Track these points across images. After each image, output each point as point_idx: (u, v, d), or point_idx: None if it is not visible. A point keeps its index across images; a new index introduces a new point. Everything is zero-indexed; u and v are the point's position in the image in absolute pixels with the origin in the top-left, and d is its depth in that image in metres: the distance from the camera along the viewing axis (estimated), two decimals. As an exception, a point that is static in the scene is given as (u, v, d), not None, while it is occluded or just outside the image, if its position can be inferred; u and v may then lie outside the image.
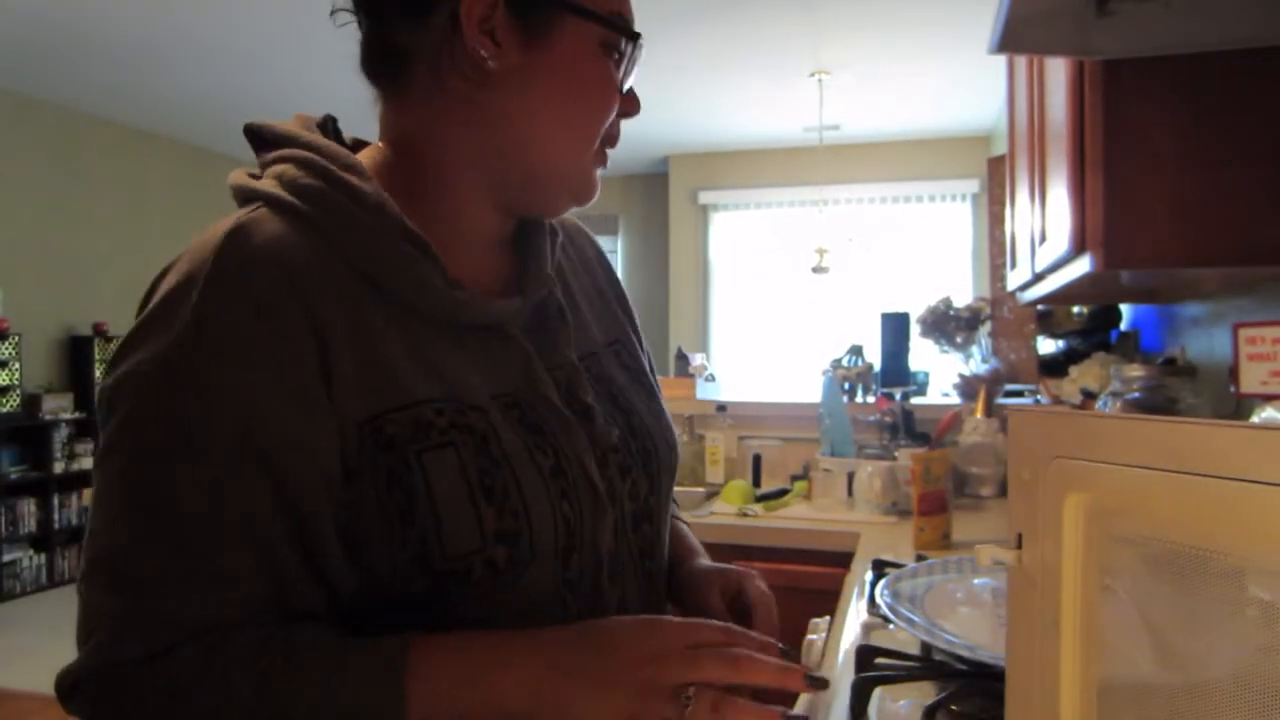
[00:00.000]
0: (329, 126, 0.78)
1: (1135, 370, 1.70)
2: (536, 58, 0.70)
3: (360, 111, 0.83)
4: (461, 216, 0.75)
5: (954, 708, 0.93)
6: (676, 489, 0.94)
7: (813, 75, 5.37)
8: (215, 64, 5.13)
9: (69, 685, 0.61)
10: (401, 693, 0.58)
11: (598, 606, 0.73)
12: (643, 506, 0.79)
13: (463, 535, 0.64)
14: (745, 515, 2.38)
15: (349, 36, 0.81)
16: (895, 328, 3.17)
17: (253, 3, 4.24)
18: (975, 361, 3.14)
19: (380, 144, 0.76)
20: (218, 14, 4.39)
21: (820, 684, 0.67)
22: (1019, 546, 0.58)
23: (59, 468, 5.65)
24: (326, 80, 5.37)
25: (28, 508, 5.51)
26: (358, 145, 0.80)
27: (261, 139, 0.75)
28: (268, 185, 0.69)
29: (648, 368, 0.90)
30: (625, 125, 0.79)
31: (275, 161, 0.71)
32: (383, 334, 0.66)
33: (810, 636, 1.51)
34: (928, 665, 1.05)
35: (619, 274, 1.05)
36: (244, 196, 0.71)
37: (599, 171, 0.77)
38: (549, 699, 0.60)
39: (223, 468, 0.60)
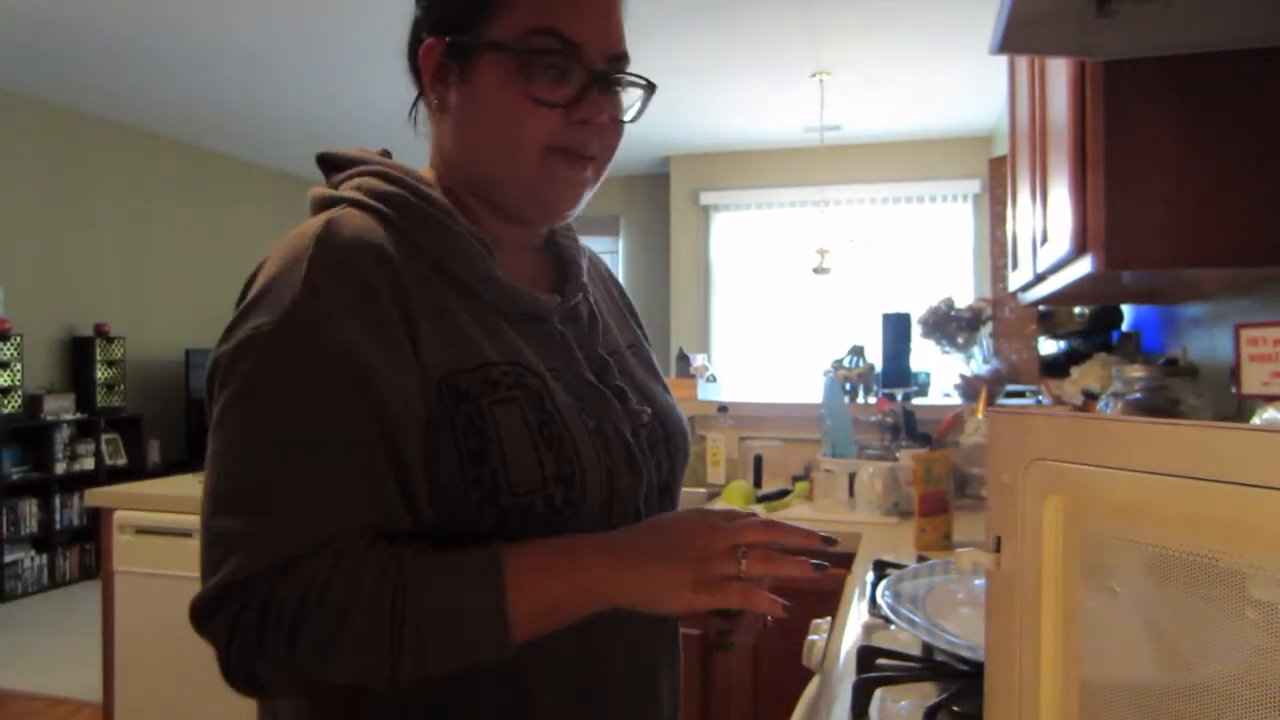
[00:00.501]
0: (384, 152, 0.92)
1: (1137, 371, 1.70)
2: (469, 93, 0.82)
3: (360, 112, 0.87)
4: (486, 226, 0.87)
5: (955, 708, 0.93)
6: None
7: (814, 75, 5.37)
8: (216, 65, 5.13)
9: (208, 604, 0.69)
10: (502, 581, 0.69)
11: None
12: (666, 480, 0.91)
13: (527, 474, 0.76)
14: (746, 516, 2.38)
15: (349, 39, 0.82)
16: (896, 328, 3.16)
17: (253, 4, 4.24)
18: (976, 362, 3.14)
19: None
20: (219, 15, 4.40)
21: (831, 541, 0.82)
22: (997, 549, 0.57)
23: (60, 468, 5.65)
24: (327, 81, 5.37)
25: (29, 508, 5.51)
26: None
27: (334, 164, 0.88)
28: (350, 193, 0.82)
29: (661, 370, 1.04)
30: (626, 125, 0.87)
31: (353, 176, 0.85)
32: (455, 310, 0.79)
33: (812, 637, 1.51)
34: (929, 666, 1.05)
35: (620, 275, 1.17)
36: (326, 203, 0.83)
37: (584, 178, 0.85)
38: (626, 572, 0.73)
39: (340, 407, 0.71)
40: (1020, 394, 2.80)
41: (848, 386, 3.06)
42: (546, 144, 0.81)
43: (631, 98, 0.87)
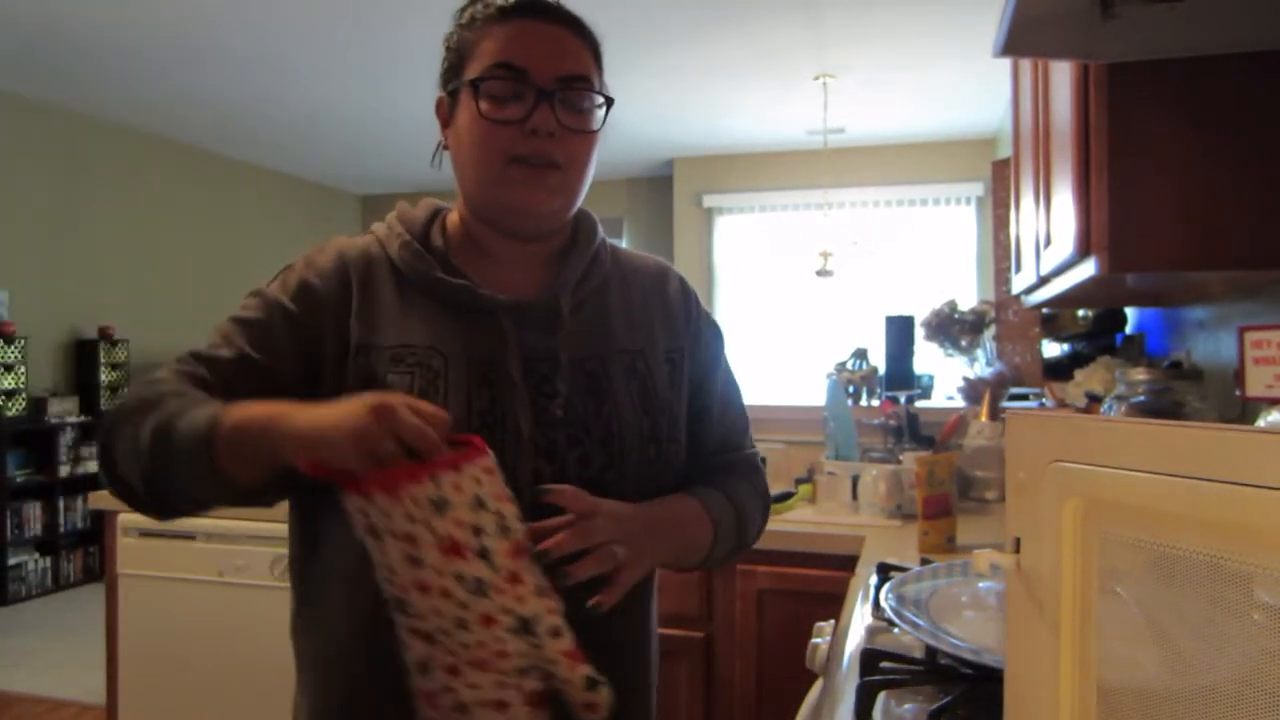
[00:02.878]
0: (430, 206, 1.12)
1: (1140, 374, 1.70)
2: (456, 130, 1.02)
3: (362, 113, 0.89)
4: (490, 245, 1.06)
5: (959, 712, 0.93)
6: None
7: (817, 78, 5.37)
8: (221, 68, 5.14)
9: None
10: (219, 411, 0.87)
11: None
12: (596, 477, 0.99)
13: None
14: (749, 519, 2.37)
15: (349, 41, 0.84)
16: (900, 331, 3.16)
17: (256, 7, 4.25)
18: (980, 365, 3.14)
19: None
20: (221, 19, 4.41)
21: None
22: (1016, 551, 0.57)
23: (64, 471, 5.66)
24: (328, 84, 5.38)
25: (33, 511, 5.52)
26: None
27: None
28: (380, 224, 1.09)
29: (674, 382, 1.11)
30: (629, 128, 0.98)
31: (395, 217, 1.09)
32: (397, 304, 1.00)
33: (815, 640, 1.50)
34: (933, 669, 1.05)
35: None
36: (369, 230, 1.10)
37: (549, 183, 0.99)
38: (306, 415, 0.84)
39: (265, 312, 0.99)
40: (1024, 397, 2.80)
41: (851, 389, 3.06)
42: (507, 155, 0.97)
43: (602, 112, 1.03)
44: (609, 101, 1.04)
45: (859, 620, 1.39)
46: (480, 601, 0.78)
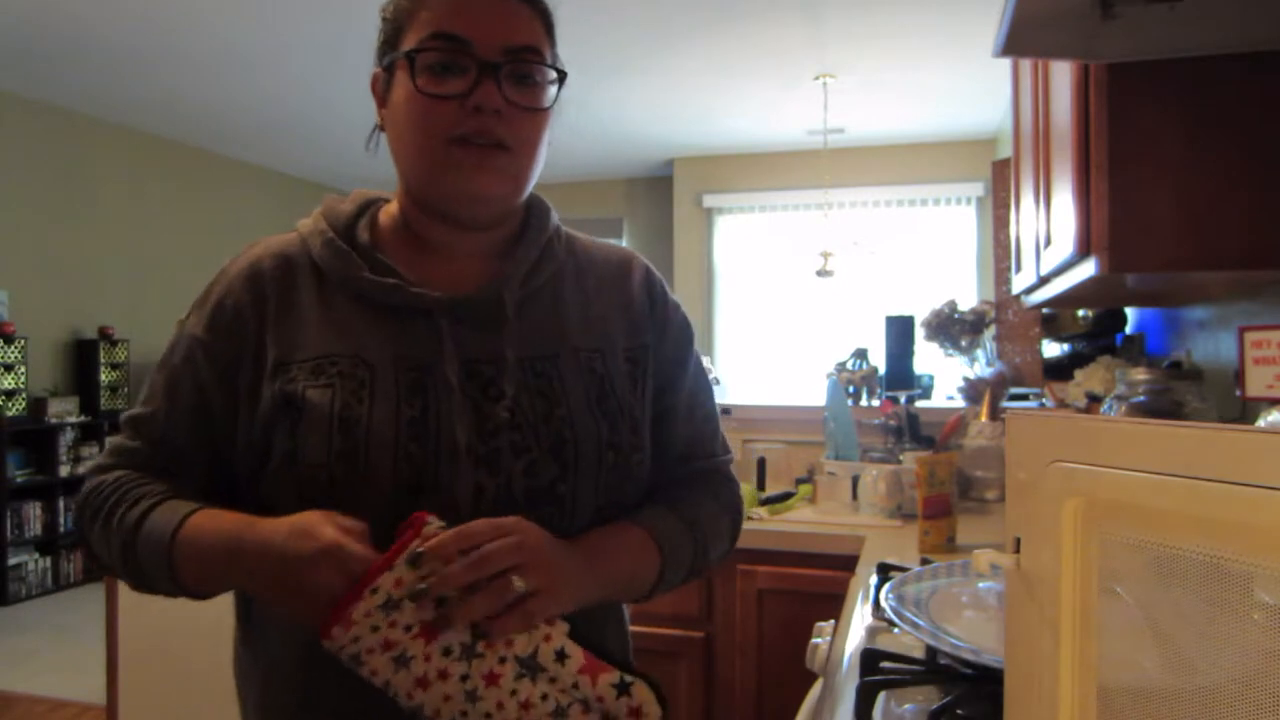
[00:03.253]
0: (364, 199, 1.04)
1: (1140, 374, 1.70)
2: (391, 108, 0.93)
3: (362, 113, 0.90)
4: (431, 236, 0.97)
5: (959, 712, 0.93)
6: None
7: (817, 78, 5.37)
8: (220, 68, 5.14)
9: None
10: (170, 563, 0.86)
11: None
12: (544, 486, 0.90)
13: (314, 451, 0.86)
14: (750, 519, 2.38)
15: (349, 42, 0.84)
16: (900, 331, 3.16)
17: (255, 8, 4.25)
18: (980, 365, 3.14)
19: None
20: (222, 18, 4.41)
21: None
22: (1016, 551, 0.57)
23: (64, 471, 5.66)
24: (329, 84, 5.38)
25: (33, 511, 5.52)
26: None
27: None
28: (306, 219, 1.01)
29: (637, 383, 1.01)
30: (629, 128, 0.92)
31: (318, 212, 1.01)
32: (319, 310, 0.93)
33: (815, 640, 1.50)
34: (933, 669, 1.05)
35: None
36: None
37: (495, 164, 0.90)
38: (258, 588, 0.85)
39: (177, 376, 0.95)
40: (1024, 397, 2.80)
41: (851, 389, 3.06)
42: (448, 135, 0.88)
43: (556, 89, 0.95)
44: (561, 76, 0.94)
45: (859, 620, 1.39)
46: (478, 664, 0.75)
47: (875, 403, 3.03)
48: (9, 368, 5.37)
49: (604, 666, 0.78)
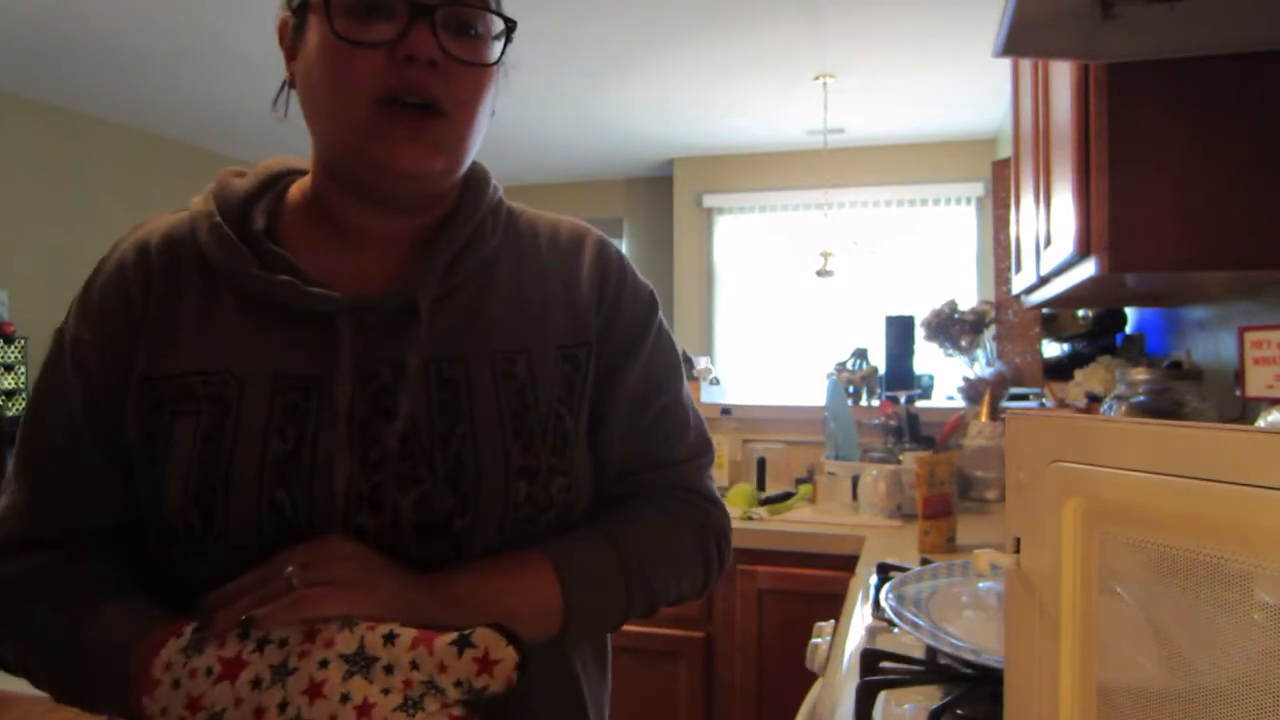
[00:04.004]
0: (271, 172, 0.90)
1: (1140, 374, 1.70)
2: (303, 62, 0.78)
3: None
4: (347, 218, 0.81)
5: (959, 712, 0.93)
6: None
7: (817, 79, 5.37)
8: (218, 68, 5.14)
9: None
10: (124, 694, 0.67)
11: None
12: (438, 521, 0.74)
13: (174, 492, 0.73)
14: (750, 519, 2.38)
15: None
16: (900, 331, 3.16)
17: (256, 8, 4.25)
18: (980, 365, 3.14)
19: None
20: (221, 19, 4.41)
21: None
22: (1016, 551, 0.57)
23: (65, 471, 5.66)
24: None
25: (33, 511, 5.52)
26: None
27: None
28: (199, 195, 0.86)
29: (573, 390, 0.83)
30: (629, 128, 0.80)
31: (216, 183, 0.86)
32: (199, 311, 0.77)
33: (815, 640, 1.50)
34: (933, 669, 1.05)
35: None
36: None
37: (430, 134, 0.74)
38: None
39: (43, 416, 0.79)
40: (1024, 397, 2.80)
41: (851, 389, 3.06)
42: (373, 95, 0.72)
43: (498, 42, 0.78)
44: (509, 26, 0.77)
45: (859, 620, 1.39)
46: (294, 681, 0.62)
47: (875, 403, 3.03)
48: (9, 368, 5.37)
49: (438, 633, 0.64)
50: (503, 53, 0.78)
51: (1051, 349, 3.09)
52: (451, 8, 0.73)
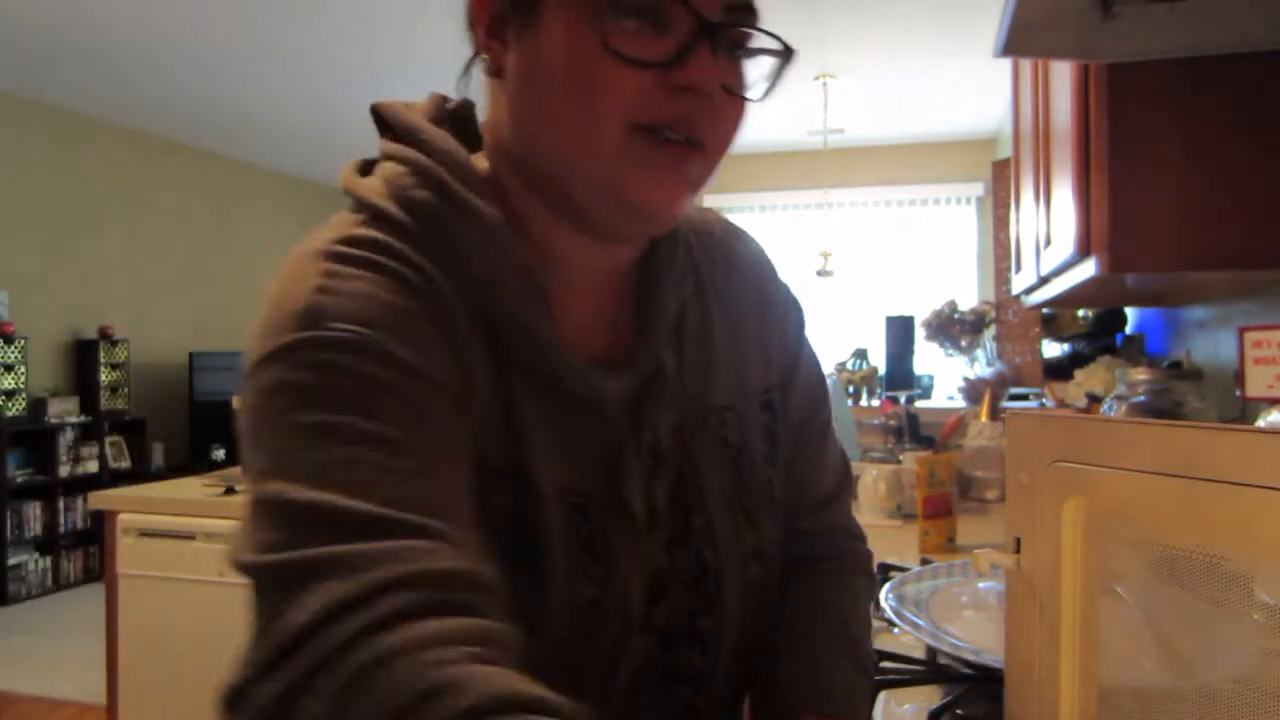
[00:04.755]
0: (461, 113, 0.69)
1: (1141, 374, 1.70)
2: (530, 52, 0.59)
3: (360, 112, 0.80)
4: (551, 242, 0.64)
5: (959, 712, 0.93)
6: None
7: (817, 79, 5.37)
8: (220, 68, 5.14)
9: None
10: None
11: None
12: (684, 627, 0.65)
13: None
14: (750, 519, 2.37)
15: (353, 43, 0.81)
16: (900, 331, 3.17)
17: (258, 8, 4.25)
18: (980, 365, 3.14)
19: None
20: (223, 19, 4.41)
21: None
22: (1017, 551, 0.57)
23: (64, 471, 5.66)
24: (332, 83, 5.38)
25: (33, 511, 5.52)
26: None
27: (383, 125, 0.67)
28: (375, 192, 0.62)
29: (775, 441, 0.75)
30: None
31: (389, 158, 0.64)
32: (481, 377, 0.59)
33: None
34: (933, 669, 1.05)
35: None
36: (354, 203, 0.64)
37: (687, 175, 0.62)
38: None
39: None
40: (1024, 397, 2.80)
41: (851, 389, 3.06)
42: (633, 119, 0.57)
43: (757, 69, 0.63)
44: (788, 54, 0.62)
45: (859, 620, 1.38)
46: None
47: (875, 403, 3.03)
48: (9, 368, 5.37)
49: None
50: (773, 86, 0.63)
51: (1051, 349, 3.09)
52: (736, 28, 0.60)
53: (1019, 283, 2.17)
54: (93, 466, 5.80)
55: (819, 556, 0.78)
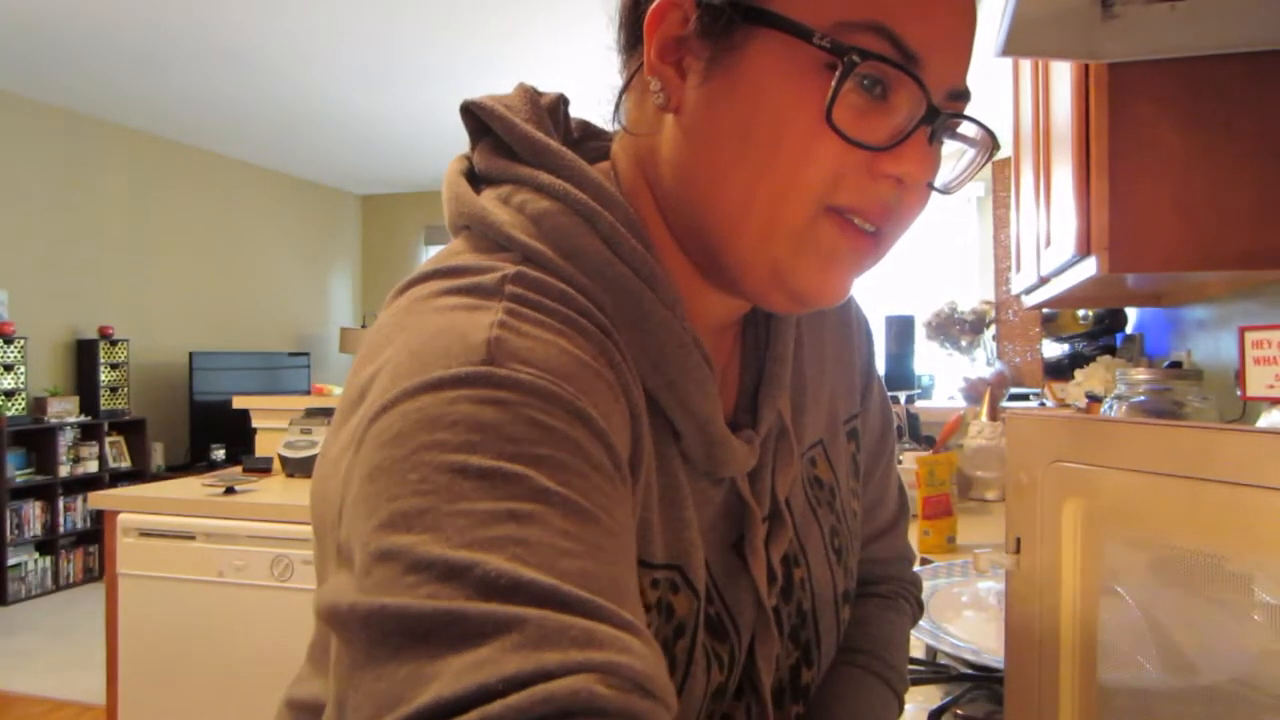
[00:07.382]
0: (559, 112, 0.60)
1: (1141, 374, 1.70)
2: (722, 90, 0.51)
3: (360, 112, 0.81)
4: (688, 298, 0.56)
5: (959, 712, 0.93)
6: None
7: (817, 79, 5.37)
8: (221, 68, 5.14)
9: None
10: None
11: None
12: (787, 681, 0.63)
13: None
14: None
15: (356, 42, 0.80)
16: (900, 330, 3.16)
17: (258, 8, 4.25)
18: (980, 365, 3.14)
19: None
20: (224, 19, 4.41)
21: None
22: (1017, 550, 0.57)
23: (64, 471, 5.66)
24: (328, 84, 5.38)
25: (33, 511, 5.52)
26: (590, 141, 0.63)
27: (479, 126, 0.58)
28: (518, 233, 0.52)
29: (856, 474, 0.71)
30: None
31: (518, 186, 0.54)
32: (650, 467, 0.53)
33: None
34: (933, 669, 1.05)
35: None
36: (482, 234, 0.53)
37: (863, 263, 0.54)
38: None
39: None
40: (1024, 397, 2.80)
41: (851, 389, 3.06)
42: (829, 201, 0.50)
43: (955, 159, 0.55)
44: (992, 142, 0.55)
45: (859, 620, 1.38)
46: None
47: (875, 403, 3.03)
48: (9, 368, 5.37)
49: None
50: (968, 179, 0.55)
51: (1051, 349, 3.09)
52: (955, 116, 0.51)
53: (1019, 283, 2.17)
54: (92, 466, 5.80)
55: (876, 580, 0.76)
